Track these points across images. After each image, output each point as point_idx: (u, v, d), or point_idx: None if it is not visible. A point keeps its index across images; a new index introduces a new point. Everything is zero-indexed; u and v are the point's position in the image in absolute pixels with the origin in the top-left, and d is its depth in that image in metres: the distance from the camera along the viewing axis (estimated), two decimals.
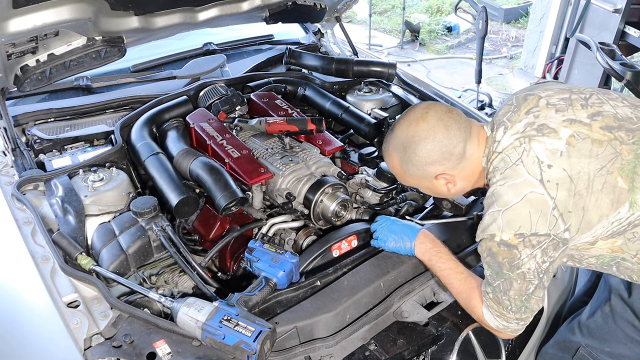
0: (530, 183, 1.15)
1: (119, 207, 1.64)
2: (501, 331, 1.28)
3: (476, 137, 1.29)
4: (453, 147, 1.25)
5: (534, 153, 1.17)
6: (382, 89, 2.44)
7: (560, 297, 1.76)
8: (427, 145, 1.25)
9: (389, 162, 1.37)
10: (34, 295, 1.26)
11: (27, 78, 1.81)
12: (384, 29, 8.13)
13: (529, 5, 7.58)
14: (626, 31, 3.91)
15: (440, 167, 1.27)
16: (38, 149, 1.85)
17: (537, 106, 1.26)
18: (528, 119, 1.24)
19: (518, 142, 1.21)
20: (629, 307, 1.42)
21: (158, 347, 1.14)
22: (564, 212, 1.13)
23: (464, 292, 1.33)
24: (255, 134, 1.93)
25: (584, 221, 1.16)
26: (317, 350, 1.25)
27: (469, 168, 1.30)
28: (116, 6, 1.78)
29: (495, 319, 1.25)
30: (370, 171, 1.91)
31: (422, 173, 1.30)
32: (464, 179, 1.32)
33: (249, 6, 2.26)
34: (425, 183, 1.34)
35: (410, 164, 1.29)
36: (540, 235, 1.13)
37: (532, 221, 1.13)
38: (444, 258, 1.39)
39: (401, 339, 1.30)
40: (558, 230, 1.13)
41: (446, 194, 1.36)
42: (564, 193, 1.13)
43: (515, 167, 1.18)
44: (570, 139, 1.18)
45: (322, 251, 1.52)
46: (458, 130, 1.26)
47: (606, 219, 1.16)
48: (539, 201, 1.13)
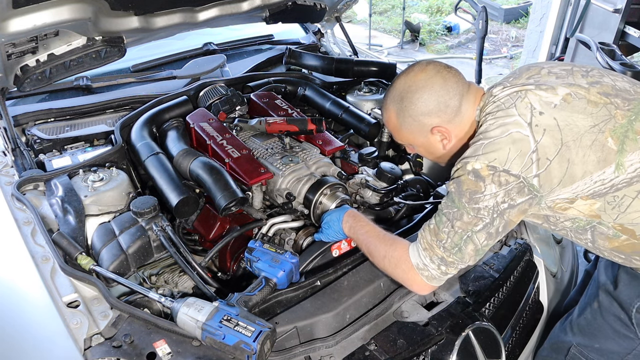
0: (518, 123, 1.16)
1: (119, 207, 1.64)
2: (416, 273, 1.25)
3: (473, 94, 1.31)
4: (449, 98, 1.27)
5: (529, 100, 1.20)
6: (382, 89, 2.44)
7: (560, 298, 1.76)
8: (423, 95, 1.27)
9: (386, 116, 1.37)
10: (34, 295, 1.26)
11: (27, 78, 1.81)
12: (384, 29, 8.13)
13: (529, 5, 7.58)
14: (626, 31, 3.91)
15: (435, 118, 1.28)
16: (38, 149, 1.85)
17: (538, 74, 1.29)
18: (528, 81, 1.26)
19: (515, 93, 1.23)
20: (615, 300, 1.42)
21: (158, 347, 1.14)
22: (542, 158, 1.14)
23: (384, 242, 1.33)
24: (255, 134, 1.93)
25: (567, 174, 1.16)
26: (317, 350, 1.25)
27: (464, 124, 1.30)
28: (116, 6, 1.78)
29: (420, 254, 1.24)
30: (370, 171, 1.91)
31: (417, 125, 1.31)
32: (458, 137, 1.32)
33: (249, 6, 2.26)
34: (421, 138, 1.34)
35: (407, 114, 1.30)
36: (511, 174, 1.13)
37: (509, 158, 1.13)
38: (363, 224, 1.41)
39: (401, 339, 1.30)
40: (529, 173, 1.13)
41: (441, 151, 1.36)
42: (549, 140, 1.14)
43: (507, 109, 1.20)
44: (567, 97, 1.20)
45: (322, 251, 1.52)
46: (455, 84, 1.28)
47: (590, 176, 1.16)
48: (522, 141, 1.14)
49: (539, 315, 1.67)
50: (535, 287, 1.67)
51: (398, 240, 1.34)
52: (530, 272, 1.65)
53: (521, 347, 1.60)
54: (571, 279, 1.86)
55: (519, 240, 1.68)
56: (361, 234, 1.41)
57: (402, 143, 1.43)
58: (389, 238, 1.36)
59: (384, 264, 1.33)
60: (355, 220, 1.45)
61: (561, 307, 1.76)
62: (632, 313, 1.38)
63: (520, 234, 1.72)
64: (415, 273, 1.26)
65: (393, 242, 1.33)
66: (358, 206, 1.80)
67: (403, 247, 1.29)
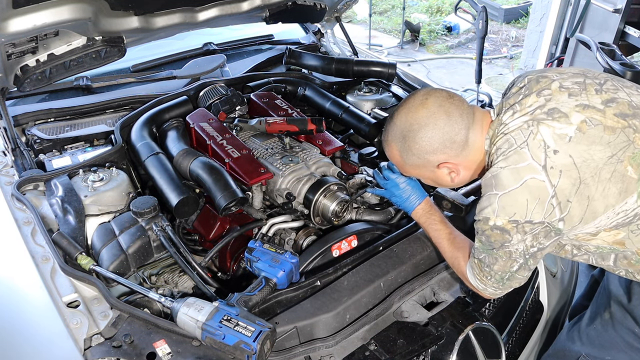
0: (532, 168, 1.10)
1: (119, 207, 1.64)
2: (480, 291, 1.31)
3: (480, 123, 1.25)
4: (455, 134, 1.20)
5: (541, 137, 1.12)
6: (382, 89, 2.44)
7: (560, 298, 1.76)
8: (427, 133, 1.20)
9: (389, 152, 1.32)
10: (34, 295, 1.26)
11: (27, 78, 1.81)
12: (384, 29, 8.13)
13: (529, 5, 7.58)
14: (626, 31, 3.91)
15: (442, 155, 1.23)
16: (38, 149, 1.85)
17: (549, 88, 1.20)
18: (539, 102, 1.18)
19: (526, 125, 1.16)
20: (629, 313, 1.39)
21: (158, 347, 1.14)
22: (562, 201, 1.10)
23: (451, 251, 1.37)
24: (255, 134, 1.93)
25: (588, 210, 1.11)
26: (317, 350, 1.25)
27: (473, 156, 1.25)
28: (116, 6, 1.78)
29: (476, 279, 1.28)
30: (370, 171, 1.91)
31: (423, 162, 1.26)
32: (468, 168, 1.27)
33: (249, 6, 2.26)
34: (427, 173, 1.30)
35: (410, 153, 1.25)
36: (535, 223, 1.11)
37: (529, 209, 1.10)
38: (437, 220, 1.43)
39: (401, 339, 1.30)
40: (553, 218, 1.11)
41: (449, 184, 1.32)
42: (567, 181, 1.09)
43: (519, 150, 1.13)
44: (582, 125, 1.13)
45: (322, 251, 1.52)
46: (460, 117, 1.21)
47: (612, 209, 1.12)
48: (538, 188, 1.09)
49: (539, 315, 1.67)
50: (535, 287, 1.66)
51: (460, 251, 1.35)
52: None
53: (521, 347, 1.60)
54: (571, 279, 1.86)
55: None
56: (434, 230, 1.43)
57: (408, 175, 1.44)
58: (458, 241, 1.38)
59: (452, 268, 1.40)
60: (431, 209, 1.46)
61: (561, 308, 1.76)
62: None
63: None
64: (479, 291, 1.31)
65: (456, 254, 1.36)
66: (358, 206, 1.80)
67: (463, 265, 1.33)
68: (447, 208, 1.68)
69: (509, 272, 1.21)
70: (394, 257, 1.48)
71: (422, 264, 1.52)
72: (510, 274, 1.21)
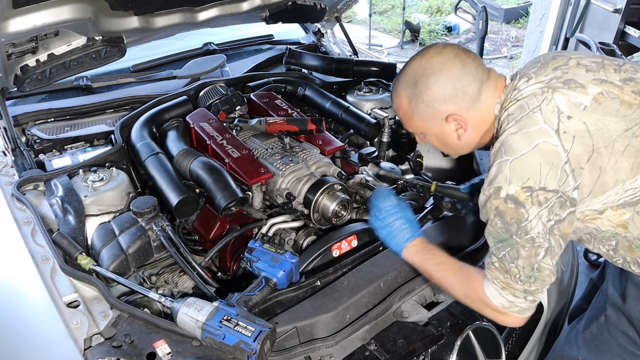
0: (544, 132, 1.06)
1: (119, 207, 1.64)
2: (507, 312, 1.17)
3: (494, 82, 1.20)
4: (468, 84, 1.16)
5: (555, 103, 1.09)
6: (382, 89, 2.44)
7: (560, 298, 1.75)
8: (440, 79, 1.16)
9: (397, 102, 1.26)
10: (34, 295, 1.26)
11: (27, 78, 1.81)
12: (384, 29, 8.14)
13: (529, 5, 7.58)
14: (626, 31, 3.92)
15: (452, 105, 1.18)
16: (38, 149, 1.85)
17: (566, 65, 1.17)
18: (555, 74, 1.15)
19: (540, 91, 1.11)
20: (624, 315, 1.36)
21: (158, 347, 1.14)
22: (576, 168, 1.05)
23: (461, 279, 1.25)
24: (255, 134, 1.93)
25: (598, 182, 1.07)
26: (317, 350, 1.25)
27: (483, 114, 1.20)
28: (116, 6, 1.78)
29: (500, 293, 1.15)
30: (370, 171, 1.91)
31: (431, 112, 1.20)
32: (475, 127, 1.22)
33: (249, 6, 2.26)
34: (434, 127, 1.24)
35: (420, 100, 1.19)
36: (549, 191, 1.04)
37: (542, 173, 1.04)
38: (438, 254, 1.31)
39: (401, 339, 1.30)
40: (567, 187, 1.05)
41: (455, 142, 1.25)
42: (579, 147, 1.05)
43: (531, 115, 1.09)
44: (598, 96, 1.09)
45: (322, 251, 1.52)
46: (475, 69, 1.17)
47: (622, 184, 1.08)
48: (551, 152, 1.04)
49: (539, 315, 1.67)
50: None
51: (472, 275, 1.24)
52: None
53: (521, 347, 1.60)
54: (571, 279, 1.86)
55: None
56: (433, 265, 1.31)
57: (412, 131, 1.33)
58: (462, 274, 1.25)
59: (467, 303, 1.26)
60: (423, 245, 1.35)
61: (561, 308, 1.76)
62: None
63: None
64: (504, 313, 1.18)
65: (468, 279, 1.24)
66: (359, 206, 1.80)
67: (480, 286, 1.20)
68: (447, 208, 1.68)
69: (535, 262, 1.10)
70: (394, 257, 1.48)
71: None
72: (537, 264, 1.10)
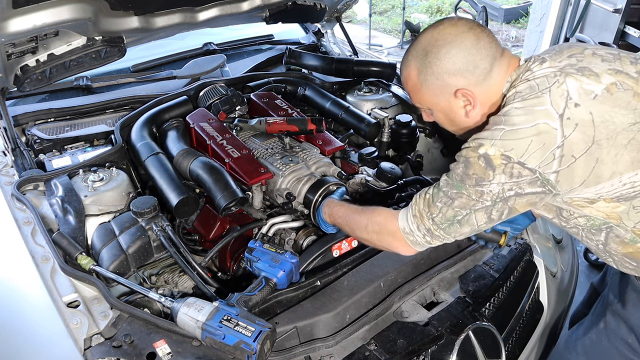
0: (548, 114, 1.03)
1: (119, 207, 1.64)
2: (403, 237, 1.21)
3: (507, 60, 1.18)
4: (480, 59, 1.14)
5: (566, 87, 1.06)
6: (382, 89, 2.44)
7: (560, 297, 1.76)
8: (452, 50, 1.14)
9: (405, 73, 1.24)
10: (34, 295, 1.26)
11: (27, 78, 1.81)
12: (384, 29, 8.14)
13: (529, 5, 7.58)
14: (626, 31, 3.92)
15: (462, 79, 1.15)
16: (38, 149, 1.85)
17: (581, 54, 1.14)
18: (570, 61, 1.12)
19: (553, 74, 1.09)
20: (624, 321, 1.34)
21: (158, 347, 1.14)
22: (566, 155, 1.03)
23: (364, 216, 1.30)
24: (255, 134, 1.93)
25: (593, 174, 1.04)
26: (317, 350, 1.25)
27: (491, 92, 1.17)
28: (116, 6, 1.78)
29: (408, 219, 1.19)
30: (370, 171, 1.91)
31: (440, 85, 1.17)
32: (483, 104, 1.19)
33: (249, 6, 2.26)
34: (442, 102, 1.21)
35: (430, 71, 1.17)
36: (526, 167, 1.03)
37: (528, 150, 1.02)
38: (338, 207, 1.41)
39: (401, 339, 1.30)
40: (548, 169, 1.03)
41: (462, 119, 1.23)
42: (579, 136, 1.02)
43: (539, 95, 1.06)
44: (611, 86, 1.07)
45: (322, 251, 1.52)
46: (489, 44, 1.15)
47: (619, 177, 1.05)
48: (547, 134, 1.02)
49: (539, 315, 1.67)
50: (535, 287, 1.66)
51: (379, 208, 1.30)
52: (530, 272, 1.65)
53: (521, 347, 1.60)
54: (571, 279, 1.86)
55: (519, 240, 1.68)
56: (339, 217, 1.39)
57: (419, 106, 1.30)
58: (368, 208, 1.32)
59: (367, 234, 1.29)
60: (330, 207, 1.44)
61: (561, 308, 1.76)
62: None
63: (520, 234, 1.71)
64: (400, 236, 1.21)
65: (373, 210, 1.30)
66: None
67: (386, 212, 1.26)
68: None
69: (467, 210, 1.10)
70: (394, 257, 1.48)
71: (422, 264, 1.52)
72: (465, 215, 1.10)
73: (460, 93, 1.17)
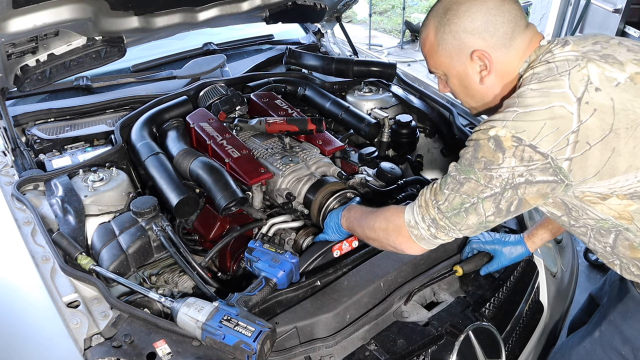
0: (565, 97, 0.98)
1: (119, 207, 1.64)
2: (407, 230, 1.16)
3: (530, 35, 1.12)
4: (501, 23, 1.09)
5: (587, 72, 1.01)
6: (382, 89, 2.44)
7: (560, 298, 1.76)
8: (472, 8, 1.10)
9: (424, 34, 1.20)
10: (34, 295, 1.26)
11: (27, 78, 1.81)
12: (384, 29, 8.14)
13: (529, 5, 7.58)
14: (626, 31, 3.92)
15: (480, 40, 1.10)
16: (38, 149, 1.85)
17: (607, 42, 1.09)
18: (594, 47, 1.07)
19: (574, 58, 1.04)
20: (619, 333, 1.30)
21: (158, 347, 1.14)
22: (581, 141, 0.97)
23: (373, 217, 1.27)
24: (255, 134, 1.93)
25: (608, 164, 0.99)
26: (317, 350, 1.25)
27: (508, 63, 1.12)
28: (116, 6, 1.78)
29: (414, 210, 1.15)
30: (370, 171, 1.91)
31: (457, 45, 1.13)
32: (499, 74, 1.14)
33: (249, 6, 2.26)
34: (458, 65, 1.16)
35: (448, 29, 1.13)
36: (538, 151, 0.98)
37: (541, 134, 0.97)
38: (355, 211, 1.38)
39: (401, 339, 1.30)
40: (560, 155, 0.98)
41: (477, 87, 1.18)
42: (596, 122, 0.97)
43: (558, 77, 1.01)
44: (635, 76, 1.02)
45: (323, 251, 1.52)
46: (513, 10, 1.10)
47: (635, 172, 1.00)
48: (563, 118, 0.97)
49: (539, 315, 1.67)
50: (535, 287, 1.66)
51: (389, 206, 1.27)
52: (530, 272, 1.65)
53: (521, 347, 1.60)
54: (571, 279, 1.86)
55: None
56: (354, 219, 1.36)
57: (435, 72, 1.25)
58: (379, 209, 1.28)
59: (375, 232, 1.26)
60: (349, 211, 1.41)
61: (561, 308, 1.76)
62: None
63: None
64: (404, 230, 1.17)
65: (383, 208, 1.27)
66: None
67: (394, 208, 1.23)
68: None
69: (474, 198, 1.04)
70: (394, 257, 1.48)
71: (422, 264, 1.52)
72: (472, 204, 1.05)
73: (477, 55, 1.12)
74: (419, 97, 2.37)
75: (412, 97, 2.37)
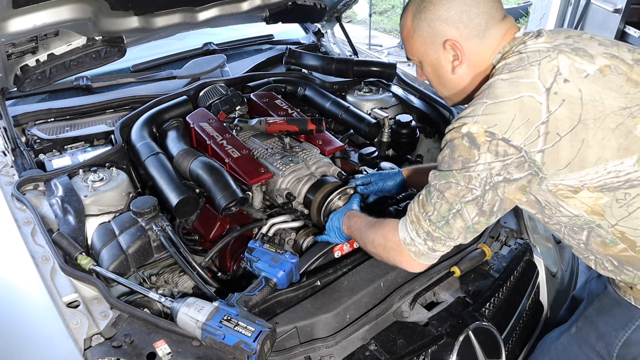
0: (534, 87, 1.00)
1: (119, 207, 1.64)
2: (404, 248, 1.16)
3: (505, 27, 1.14)
4: (476, 14, 1.11)
5: (557, 63, 1.03)
6: (382, 89, 2.44)
7: (560, 298, 1.76)
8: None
9: (402, 20, 1.22)
10: (34, 295, 1.26)
11: (27, 78, 1.81)
12: (384, 29, 8.14)
13: (529, 5, 7.58)
14: (626, 31, 3.92)
15: (453, 29, 1.12)
16: (38, 149, 1.85)
17: (579, 36, 1.11)
18: (566, 41, 1.09)
19: (545, 49, 1.06)
20: (595, 329, 1.31)
21: (158, 347, 1.14)
22: (551, 132, 0.99)
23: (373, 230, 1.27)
24: (255, 134, 1.93)
25: (579, 156, 1.01)
26: (317, 350, 1.25)
27: (481, 54, 1.14)
28: (116, 6, 1.78)
29: (407, 227, 1.15)
30: (371, 171, 1.91)
31: (431, 33, 1.15)
32: (471, 64, 1.16)
33: (249, 6, 2.26)
34: (431, 53, 1.18)
35: (423, 17, 1.15)
36: (511, 144, 0.99)
37: (512, 126, 0.99)
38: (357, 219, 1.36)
39: (401, 339, 1.30)
40: (533, 148, 0.99)
41: (449, 78, 1.20)
42: (565, 113, 0.99)
43: (528, 67, 1.04)
44: (604, 68, 1.04)
45: (324, 252, 1.52)
46: (490, 3, 1.12)
47: (604, 164, 1.01)
48: (532, 109, 0.99)
49: (539, 315, 1.67)
50: (535, 287, 1.66)
51: (387, 220, 1.25)
52: (530, 272, 1.65)
53: (521, 347, 1.60)
54: (571, 279, 1.86)
55: (519, 240, 1.68)
56: (355, 229, 1.35)
57: (411, 58, 1.26)
58: (378, 221, 1.28)
59: (375, 248, 1.26)
60: (350, 218, 1.40)
61: (561, 309, 1.76)
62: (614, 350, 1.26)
63: (520, 234, 1.72)
64: (402, 249, 1.17)
65: (381, 222, 1.26)
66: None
67: (391, 224, 1.21)
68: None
69: (457, 204, 1.06)
70: None
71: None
72: (456, 210, 1.06)
73: (449, 44, 1.14)
74: (419, 97, 2.37)
75: (412, 97, 2.38)
